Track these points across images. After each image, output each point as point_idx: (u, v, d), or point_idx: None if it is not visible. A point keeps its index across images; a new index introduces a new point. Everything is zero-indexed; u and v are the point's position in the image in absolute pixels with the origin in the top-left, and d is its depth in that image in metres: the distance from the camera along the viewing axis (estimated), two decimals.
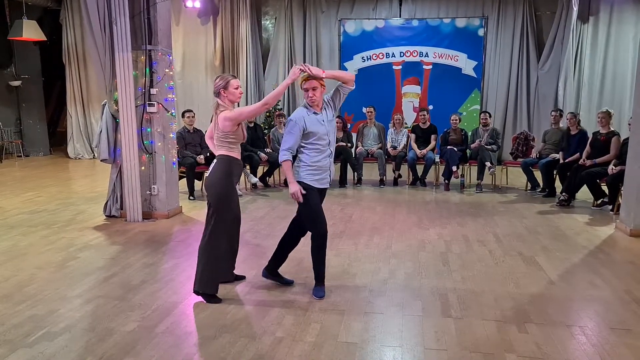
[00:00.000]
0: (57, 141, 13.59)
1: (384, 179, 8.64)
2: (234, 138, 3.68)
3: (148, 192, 6.21)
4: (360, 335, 3.23)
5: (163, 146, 6.18)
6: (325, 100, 3.77)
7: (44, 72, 12.51)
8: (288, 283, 4.08)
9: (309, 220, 3.76)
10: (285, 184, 8.56)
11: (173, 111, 6.35)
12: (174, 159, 6.47)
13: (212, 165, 3.72)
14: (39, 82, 12.38)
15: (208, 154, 7.63)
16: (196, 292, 3.75)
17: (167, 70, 6.15)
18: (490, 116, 8.77)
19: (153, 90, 6.03)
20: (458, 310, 3.60)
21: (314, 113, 3.68)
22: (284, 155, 3.62)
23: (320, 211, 3.76)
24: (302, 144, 3.69)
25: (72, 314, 3.51)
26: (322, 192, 3.84)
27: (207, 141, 4.04)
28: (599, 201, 6.88)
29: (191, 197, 7.38)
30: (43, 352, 2.99)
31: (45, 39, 11.01)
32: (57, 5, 11.73)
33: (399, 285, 4.08)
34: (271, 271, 4.08)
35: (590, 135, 7.30)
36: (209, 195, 3.72)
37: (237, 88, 3.67)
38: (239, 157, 3.80)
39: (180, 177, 7.14)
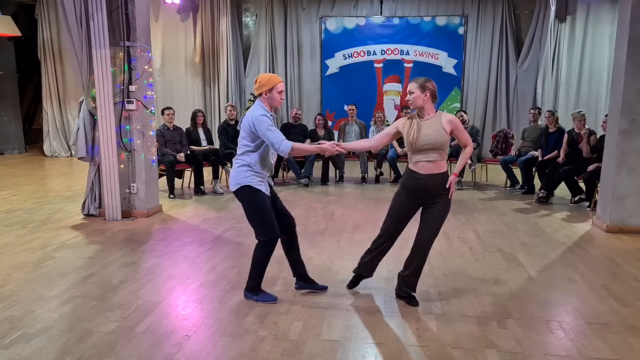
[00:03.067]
0: (33, 139, 13.31)
1: (366, 176, 8.67)
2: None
3: (127, 191, 6.12)
4: (343, 333, 3.23)
5: (142, 144, 6.09)
6: None
7: (19, 68, 12.24)
8: (322, 289, 3.91)
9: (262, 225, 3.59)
10: None
11: (152, 108, 6.27)
12: (154, 157, 6.39)
13: None
14: (14, 78, 12.11)
15: (188, 152, 7.56)
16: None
17: (146, 67, 6.07)
18: (466, 114, 8.84)
19: (132, 87, 5.95)
20: (439, 306, 3.63)
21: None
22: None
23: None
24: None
25: (49, 315, 3.45)
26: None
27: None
28: (577, 198, 7.00)
29: (171, 196, 7.30)
30: (19, 354, 2.93)
31: (20, 35, 10.75)
32: (32, 0, 11.49)
33: (381, 282, 4.09)
34: (304, 279, 3.92)
35: (566, 134, 7.41)
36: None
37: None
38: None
39: (160, 175, 7.07)
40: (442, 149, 3.45)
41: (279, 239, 3.67)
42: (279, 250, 4.31)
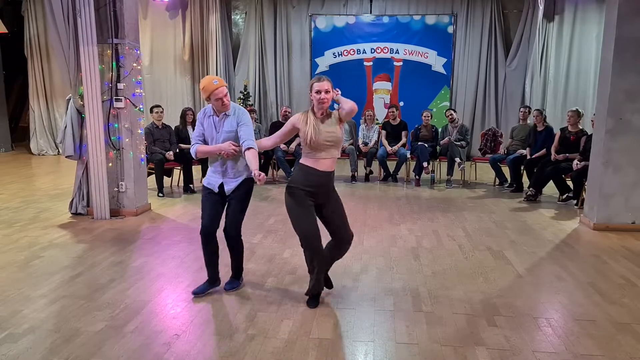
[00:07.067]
0: (19, 137, 13.17)
1: (356, 174, 8.68)
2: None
3: (116, 189, 6.08)
4: (333, 331, 3.23)
5: (131, 142, 6.05)
6: None
7: (5, 65, 12.11)
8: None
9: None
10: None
11: (141, 106, 6.22)
12: (142, 155, 6.34)
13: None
14: (0, 75, 11.98)
15: (177, 150, 7.52)
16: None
17: (134, 64, 6.02)
18: (455, 112, 8.88)
19: (120, 85, 5.90)
20: (429, 304, 3.64)
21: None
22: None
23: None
24: None
25: (36, 315, 3.41)
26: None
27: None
28: (564, 196, 7.07)
29: (160, 194, 7.26)
30: (6, 354, 2.89)
31: (7, 31, 10.64)
32: None
33: (371, 280, 4.10)
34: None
35: (557, 131, 7.47)
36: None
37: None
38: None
39: (149, 174, 7.02)
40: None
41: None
42: (270, 249, 4.30)
